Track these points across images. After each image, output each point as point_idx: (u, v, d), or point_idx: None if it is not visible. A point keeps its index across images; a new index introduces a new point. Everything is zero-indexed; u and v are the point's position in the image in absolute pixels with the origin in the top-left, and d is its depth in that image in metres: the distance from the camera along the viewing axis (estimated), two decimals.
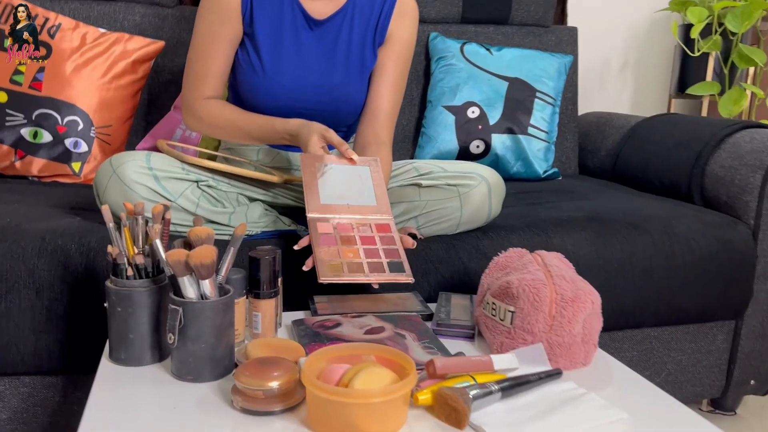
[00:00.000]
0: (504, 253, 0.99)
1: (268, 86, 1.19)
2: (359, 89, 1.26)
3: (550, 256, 0.96)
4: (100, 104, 1.51)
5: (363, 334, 0.91)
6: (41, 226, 1.07)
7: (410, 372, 0.70)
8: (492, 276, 0.96)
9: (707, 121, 1.57)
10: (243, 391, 0.72)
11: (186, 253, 0.75)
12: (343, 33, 1.23)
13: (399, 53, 1.27)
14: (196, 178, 1.13)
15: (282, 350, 0.81)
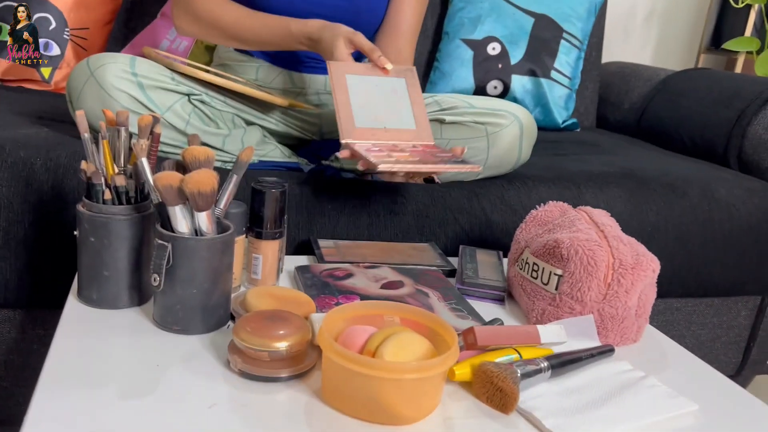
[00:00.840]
0: (542, 206, 0.86)
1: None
2: (378, 5, 1.10)
3: (599, 212, 0.83)
4: (77, 2, 1.31)
5: (380, 289, 0.78)
6: (3, 135, 0.91)
7: (450, 343, 0.57)
8: (530, 232, 0.83)
9: (751, 78, 1.44)
10: (244, 350, 0.58)
11: (180, 177, 0.61)
12: None
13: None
14: (187, 90, 0.97)
15: (288, 302, 0.68)
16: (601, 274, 0.71)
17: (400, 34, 1.12)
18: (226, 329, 0.66)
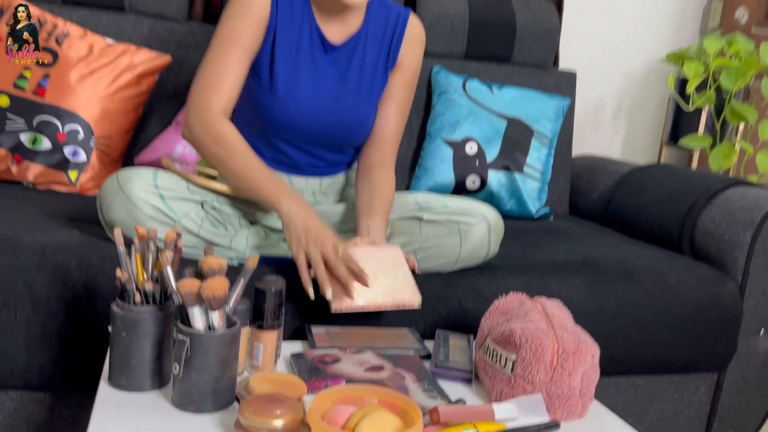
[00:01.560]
0: (504, 297, 1.01)
1: (282, 106, 1.19)
2: (369, 111, 1.27)
3: (551, 304, 0.97)
4: (102, 115, 1.50)
5: (363, 372, 0.91)
6: (41, 238, 1.06)
7: (416, 420, 0.71)
8: (493, 320, 0.98)
9: (700, 174, 1.61)
10: (247, 427, 0.71)
11: (198, 284, 0.75)
12: (356, 57, 1.24)
13: (408, 78, 1.30)
14: (200, 198, 1.13)
15: (284, 385, 0.81)
16: (547, 359, 0.85)
17: (384, 142, 1.29)
18: (233, 409, 0.79)
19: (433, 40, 1.82)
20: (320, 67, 1.22)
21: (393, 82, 1.29)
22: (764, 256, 1.38)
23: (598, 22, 2.18)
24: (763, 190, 1.45)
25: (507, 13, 1.86)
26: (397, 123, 1.30)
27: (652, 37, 2.22)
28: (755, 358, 1.43)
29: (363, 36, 1.25)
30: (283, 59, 1.19)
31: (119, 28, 1.60)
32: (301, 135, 1.23)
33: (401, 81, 1.29)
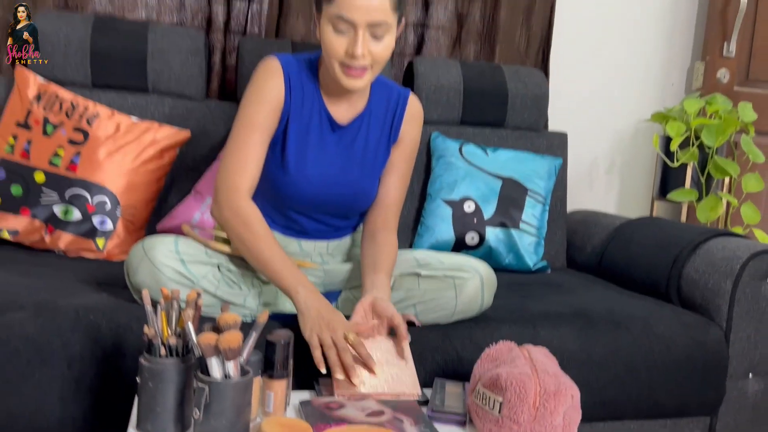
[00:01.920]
0: (495, 345, 1.10)
1: (293, 181, 1.29)
2: (373, 183, 1.38)
3: (536, 350, 1.06)
4: (128, 186, 1.64)
5: (365, 417, 1.00)
6: (74, 301, 1.18)
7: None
8: (483, 367, 1.07)
9: (685, 227, 1.71)
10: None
11: (216, 337, 0.86)
12: (361, 135, 1.36)
13: (408, 152, 1.41)
14: (217, 262, 1.25)
15: (293, 429, 0.90)
16: (530, 400, 0.94)
17: (387, 208, 1.39)
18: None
19: (431, 108, 1.96)
20: (328, 145, 1.33)
21: (395, 156, 1.40)
22: (746, 303, 1.47)
23: (588, 85, 2.32)
24: (742, 241, 1.55)
25: (499, 82, 2.01)
26: (398, 191, 1.40)
27: (640, 97, 2.36)
28: (746, 402, 1.49)
29: (367, 116, 1.36)
30: (294, 139, 1.30)
31: (143, 107, 1.76)
32: (310, 206, 1.34)
33: (402, 155, 1.40)
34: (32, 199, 1.57)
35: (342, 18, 1.17)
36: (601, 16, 2.30)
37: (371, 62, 1.21)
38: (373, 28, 1.18)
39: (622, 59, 2.34)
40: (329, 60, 1.22)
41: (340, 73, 1.22)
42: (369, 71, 1.22)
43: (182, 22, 1.92)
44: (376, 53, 1.20)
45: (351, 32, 1.18)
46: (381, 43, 1.20)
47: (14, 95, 1.63)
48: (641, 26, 2.34)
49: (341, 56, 1.19)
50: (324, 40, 1.20)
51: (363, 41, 1.18)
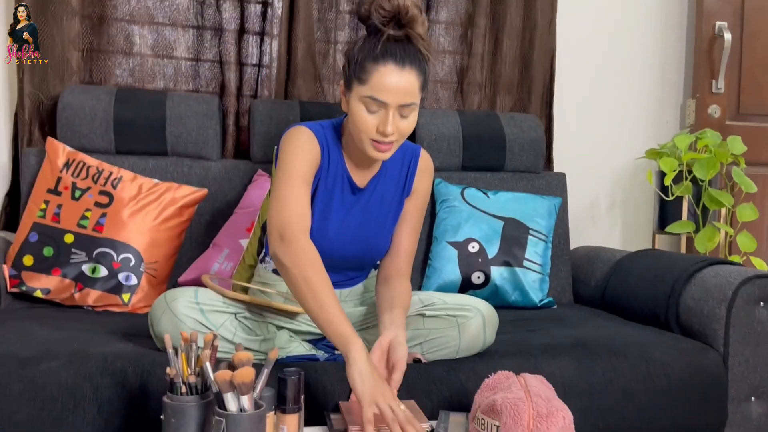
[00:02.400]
0: (494, 375, 1.17)
1: (315, 240, 1.32)
2: (388, 237, 1.47)
3: (532, 378, 1.13)
4: (150, 243, 1.75)
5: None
6: (103, 350, 1.27)
7: None
8: (483, 395, 1.14)
9: (681, 257, 1.78)
10: None
11: (231, 374, 0.95)
12: (377, 194, 1.45)
13: (419, 204, 1.49)
14: (234, 310, 1.34)
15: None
16: (524, 422, 1.01)
17: (400, 257, 1.46)
18: None
19: (433, 156, 2.04)
20: (347, 206, 1.42)
21: (408, 207, 1.48)
22: (741, 327, 1.52)
23: (586, 127, 2.43)
24: (735, 268, 1.61)
25: (496, 129, 2.12)
26: (410, 240, 1.48)
27: (636, 136, 2.45)
28: (750, 425, 1.53)
29: (383, 175, 1.45)
30: (319, 201, 1.39)
31: (163, 169, 1.89)
32: (330, 262, 1.37)
33: (415, 206, 1.49)
34: (62, 259, 1.69)
35: (375, 99, 1.26)
36: (594, 61, 2.42)
37: (398, 137, 1.30)
38: (402, 108, 1.27)
39: (617, 101, 2.45)
40: (359, 135, 1.30)
41: (370, 147, 1.30)
42: (395, 143, 1.31)
43: (198, 89, 2.07)
44: (402, 129, 1.30)
45: (382, 112, 1.27)
46: (407, 120, 1.30)
47: (45, 165, 1.77)
48: (633, 69, 2.46)
49: (372, 133, 1.28)
50: (355, 117, 1.29)
51: (393, 120, 1.27)
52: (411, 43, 1.28)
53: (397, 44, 1.27)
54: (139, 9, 1.99)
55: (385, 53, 1.26)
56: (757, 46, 2.41)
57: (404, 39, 1.28)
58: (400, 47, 1.27)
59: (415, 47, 1.28)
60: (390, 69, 1.25)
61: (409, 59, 1.27)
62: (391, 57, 1.25)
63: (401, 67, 1.26)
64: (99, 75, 1.98)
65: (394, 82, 1.25)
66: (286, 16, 2.07)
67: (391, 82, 1.25)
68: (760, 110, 2.41)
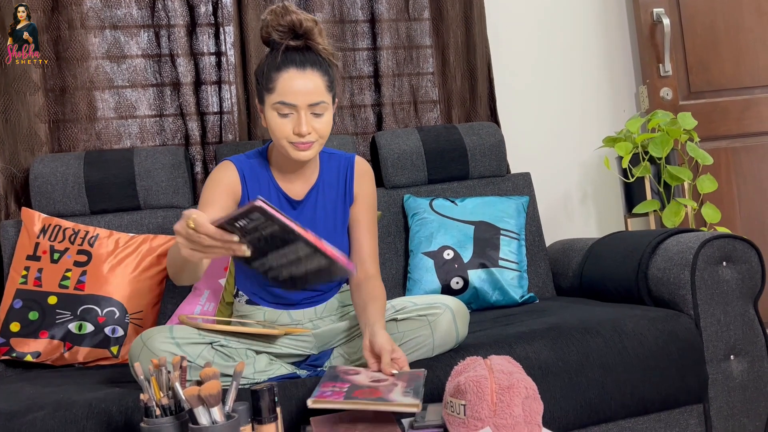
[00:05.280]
0: (462, 361, 1.21)
1: None
2: (340, 243, 1.53)
3: (498, 357, 1.17)
4: (132, 294, 1.80)
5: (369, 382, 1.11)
6: (88, 396, 1.31)
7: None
8: (452, 381, 1.17)
9: (645, 233, 1.82)
10: None
11: (197, 388, 0.99)
12: (319, 204, 1.52)
13: (367, 205, 1.55)
14: (210, 340, 1.38)
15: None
16: (488, 397, 1.04)
17: (364, 259, 1.51)
18: None
19: (399, 174, 2.14)
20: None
21: (356, 212, 1.54)
22: (707, 289, 1.55)
23: (546, 127, 2.50)
24: (694, 234, 1.65)
25: (456, 140, 2.19)
26: (369, 241, 1.54)
27: (596, 128, 2.52)
28: (733, 383, 1.54)
29: (321, 185, 1.52)
30: None
31: (138, 222, 1.95)
32: None
33: (362, 209, 1.55)
34: (48, 321, 1.74)
35: (284, 103, 1.35)
36: (541, 61, 2.51)
37: (316, 137, 1.39)
38: (312, 107, 1.36)
39: (572, 98, 2.53)
40: (279, 141, 1.39)
41: (291, 149, 1.39)
42: (315, 143, 1.39)
43: (164, 143, 2.15)
44: (319, 129, 1.38)
45: (294, 114, 1.37)
46: (322, 119, 1.38)
47: (23, 233, 1.84)
48: (582, 63, 2.54)
49: (290, 136, 1.37)
50: (271, 125, 1.38)
51: (306, 120, 1.36)
52: (310, 50, 1.39)
53: (297, 52, 1.37)
54: (98, 75, 2.08)
55: (285, 60, 1.36)
56: (697, 26, 2.49)
57: (303, 47, 1.38)
58: (299, 53, 1.37)
59: (314, 52, 1.39)
60: (292, 73, 1.35)
61: (309, 62, 1.37)
62: (291, 63, 1.36)
63: (302, 70, 1.35)
64: (67, 142, 2.06)
65: (299, 84, 1.35)
66: (239, 62, 2.16)
67: (295, 85, 1.35)
68: (709, 87, 2.48)
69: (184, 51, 2.13)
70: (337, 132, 2.27)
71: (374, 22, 2.30)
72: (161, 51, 2.13)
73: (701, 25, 2.50)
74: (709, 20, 2.50)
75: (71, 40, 2.04)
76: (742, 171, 2.43)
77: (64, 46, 2.04)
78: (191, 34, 2.15)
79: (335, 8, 2.27)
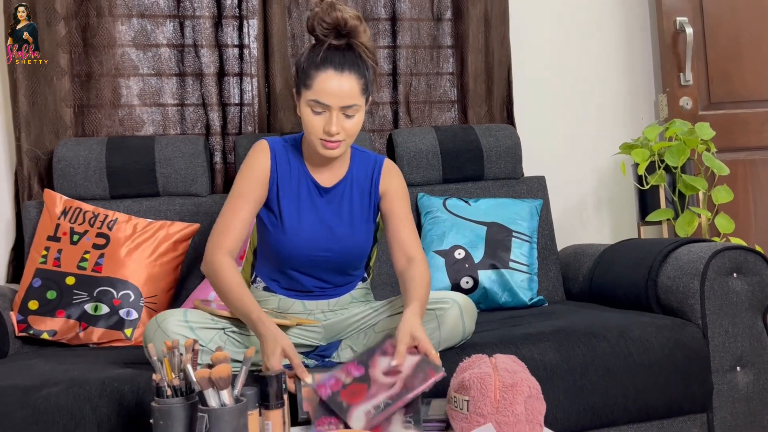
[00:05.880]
0: (468, 359, 1.22)
1: (290, 240, 1.48)
2: (364, 237, 1.55)
3: (503, 356, 1.19)
4: (148, 278, 1.84)
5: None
6: (102, 375, 1.35)
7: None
8: (457, 378, 1.19)
9: (657, 241, 1.83)
10: None
11: (208, 371, 1.02)
12: (346, 195, 1.55)
13: (397, 197, 1.56)
14: (222, 326, 1.42)
15: None
16: (491, 394, 1.06)
17: (404, 243, 1.51)
18: None
19: (414, 172, 2.16)
20: (318, 206, 1.53)
21: (388, 206, 1.55)
22: (716, 299, 1.56)
23: (564, 131, 2.51)
24: (706, 244, 1.65)
25: (472, 140, 2.20)
26: (407, 227, 1.54)
27: (614, 134, 2.51)
28: (738, 395, 1.55)
29: (350, 179, 1.56)
30: (287, 204, 1.50)
31: (156, 208, 1.99)
32: (308, 262, 1.50)
33: (394, 201, 1.56)
34: (65, 301, 1.78)
35: (318, 102, 1.39)
36: (565, 66, 2.51)
37: (345, 136, 1.42)
38: (344, 109, 1.40)
39: (592, 104, 2.53)
40: (309, 136, 1.44)
41: (320, 146, 1.43)
42: (343, 143, 1.43)
43: (185, 132, 2.18)
44: (348, 129, 1.42)
45: (326, 113, 1.40)
46: (352, 120, 1.42)
47: (44, 214, 1.88)
48: (602, 69, 2.54)
49: (320, 133, 1.41)
50: (304, 120, 1.43)
51: (337, 121, 1.40)
52: (352, 50, 1.41)
53: (338, 52, 1.40)
54: (123, 63, 2.12)
55: (325, 60, 1.39)
56: (720, 36, 2.49)
57: (345, 47, 1.41)
58: (340, 54, 1.40)
59: (355, 53, 1.41)
60: (330, 74, 1.38)
61: (348, 65, 1.39)
62: (330, 64, 1.39)
63: (340, 73, 1.38)
64: (91, 127, 2.10)
65: (334, 86, 1.38)
66: (262, 55, 2.19)
67: (331, 87, 1.38)
68: (730, 98, 2.47)
69: (209, 42, 2.16)
70: None
71: (395, 21, 2.32)
72: (185, 41, 2.17)
73: (725, 36, 2.49)
74: (733, 31, 2.49)
75: (99, 28, 2.08)
76: (760, 183, 2.42)
77: (92, 33, 2.08)
78: (216, 25, 2.18)
79: (358, 5, 2.29)
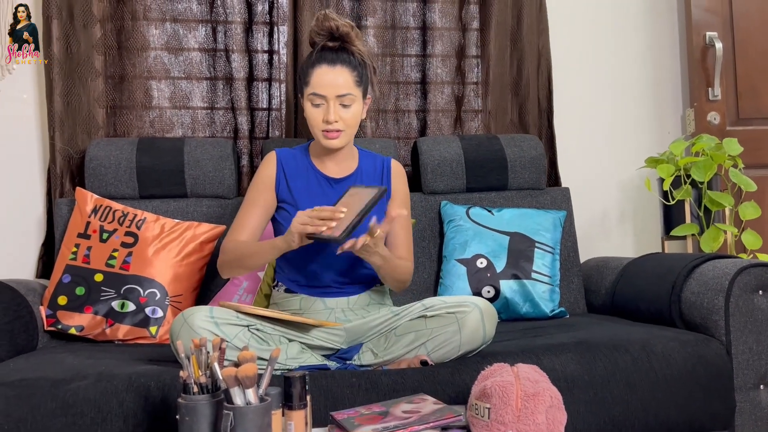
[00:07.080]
0: (489, 367, 1.23)
1: None
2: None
3: (525, 366, 1.19)
4: (174, 278, 1.87)
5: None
6: (128, 370, 1.38)
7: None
8: (478, 385, 1.20)
9: (682, 256, 1.82)
10: None
11: (235, 369, 1.04)
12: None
13: (401, 201, 1.71)
14: (247, 323, 1.44)
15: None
16: (512, 402, 1.07)
17: (397, 247, 1.65)
18: None
19: (438, 180, 2.17)
20: (330, 195, 1.64)
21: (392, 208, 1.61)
22: (741, 316, 1.55)
23: (590, 143, 2.51)
24: (732, 260, 1.64)
25: (497, 150, 2.21)
26: (403, 234, 1.67)
27: (640, 148, 2.51)
28: (761, 413, 1.53)
29: (359, 173, 1.68)
30: (298, 195, 1.63)
31: (183, 209, 2.02)
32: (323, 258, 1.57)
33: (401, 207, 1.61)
34: (93, 297, 1.82)
35: (316, 94, 1.55)
36: (592, 78, 2.51)
37: (343, 126, 1.56)
38: (341, 98, 1.55)
39: (618, 117, 2.53)
40: (312, 129, 1.59)
41: (322, 137, 1.58)
42: (343, 133, 1.57)
43: (214, 135, 2.22)
44: (346, 119, 1.56)
45: (324, 104, 1.55)
46: (349, 110, 1.57)
47: (75, 212, 1.92)
48: (629, 82, 2.54)
49: (320, 124, 1.56)
50: (306, 114, 1.58)
51: (334, 110, 1.55)
52: (345, 50, 1.57)
53: (330, 50, 1.57)
54: (156, 65, 2.17)
55: (319, 58, 1.56)
56: (750, 52, 2.47)
57: (338, 48, 1.57)
58: (332, 52, 1.56)
59: (348, 51, 1.57)
60: (324, 69, 1.55)
61: (340, 60, 1.56)
62: (324, 60, 1.55)
63: (332, 66, 1.55)
64: (122, 128, 2.15)
65: (329, 77, 1.54)
66: (291, 60, 2.22)
67: (326, 79, 1.54)
68: (759, 114, 2.45)
69: (239, 47, 2.20)
70: (380, 135, 2.32)
71: (425, 30, 2.34)
72: (217, 46, 2.21)
73: (754, 51, 2.48)
74: (763, 46, 2.47)
75: (133, 31, 2.13)
76: None
77: (126, 36, 2.13)
78: (247, 31, 2.22)
79: (387, 14, 2.31)
